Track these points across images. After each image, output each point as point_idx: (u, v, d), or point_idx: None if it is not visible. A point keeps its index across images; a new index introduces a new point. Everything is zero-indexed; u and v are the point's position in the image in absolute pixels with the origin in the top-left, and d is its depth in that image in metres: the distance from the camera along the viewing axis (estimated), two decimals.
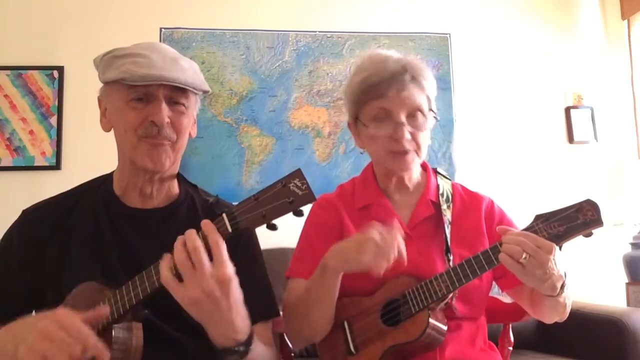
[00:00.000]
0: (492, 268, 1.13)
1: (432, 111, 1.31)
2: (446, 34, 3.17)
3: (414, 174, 1.36)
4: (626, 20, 3.34)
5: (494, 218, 1.34)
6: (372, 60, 1.32)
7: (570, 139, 3.21)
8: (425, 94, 1.29)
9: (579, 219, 1.06)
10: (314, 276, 1.19)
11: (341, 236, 1.31)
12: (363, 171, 1.43)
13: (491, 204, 1.37)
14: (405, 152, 1.26)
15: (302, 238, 1.38)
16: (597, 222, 1.05)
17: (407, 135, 1.24)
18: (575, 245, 1.09)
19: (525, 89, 3.20)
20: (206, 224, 0.94)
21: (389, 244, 1.05)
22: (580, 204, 1.07)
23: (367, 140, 1.33)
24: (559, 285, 1.07)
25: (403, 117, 1.25)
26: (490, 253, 1.11)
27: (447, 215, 1.31)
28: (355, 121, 1.35)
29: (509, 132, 3.15)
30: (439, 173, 1.40)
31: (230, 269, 0.93)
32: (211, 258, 0.92)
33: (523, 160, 3.14)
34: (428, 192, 1.34)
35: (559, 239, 1.06)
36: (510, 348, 1.49)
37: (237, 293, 0.96)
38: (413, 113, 1.26)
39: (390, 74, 1.26)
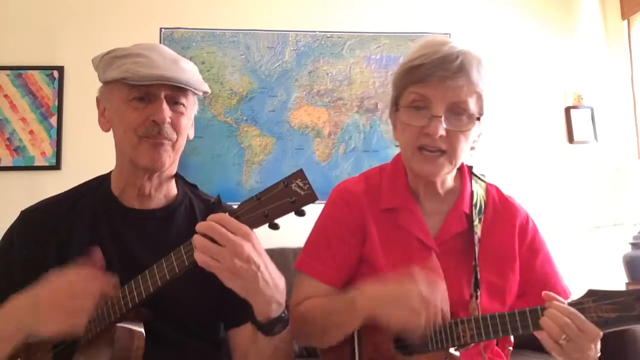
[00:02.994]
0: (528, 332, 1.01)
1: (479, 119, 1.12)
2: (446, 34, 3.16)
3: (448, 178, 1.21)
4: (626, 20, 3.34)
5: (527, 236, 1.21)
6: (427, 42, 1.14)
7: (570, 139, 3.21)
8: (476, 91, 1.10)
9: (636, 309, 0.92)
10: (338, 305, 1.09)
11: (363, 239, 1.19)
12: (394, 161, 1.25)
13: (526, 219, 1.23)
14: (435, 152, 1.10)
15: (319, 230, 1.23)
16: None
17: (442, 132, 1.07)
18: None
19: (525, 89, 3.20)
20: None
21: (434, 300, 0.96)
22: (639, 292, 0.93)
23: (400, 128, 1.17)
24: None
25: (441, 110, 1.08)
26: (529, 317, 1.00)
27: (478, 232, 1.16)
28: (395, 108, 1.19)
29: (509, 132, 3.15)
30: (474, 174, 1.26)
31: (247, 228, 0.92)
32: None
33: (523, 160, 3.14)
34: (462, 202, 1.19)
35: (607, 326, 0.94)
36: (510, 348, 1.48)
37: (265, 252, 0.96)
38: (456, 110, 1.09)
39: (438, 58, 1.08)
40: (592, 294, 0.96)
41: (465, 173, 1.24)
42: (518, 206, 1.25)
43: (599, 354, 0.99)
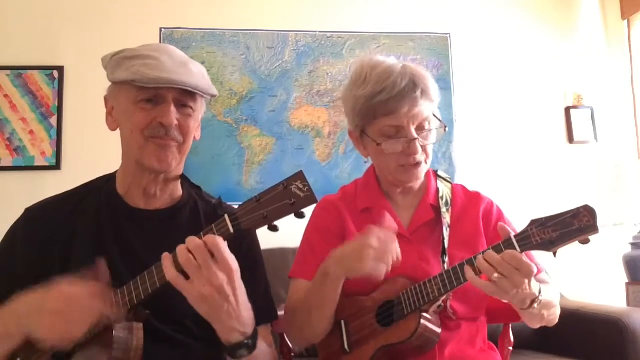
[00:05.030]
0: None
1: (436, 117, 1.31)
2: (446, 34, 3.17)
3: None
4: (626, 20, 3.34)
5: (492, 219, 1.34)
6: (376, 72, 1.27)
7: (570, 139, 3.21)
8: (434, 103, 1.30)
9: (575, 224, 1.02)
10: (315, 281, 1.20)
11: (343, 239, 1.32)
12: (365, 173, 1.43)
13: (490, 204, 1.38)
14: (417, 165, 1.27)
15: (304, 239, 1.38)
16: (593, 228, 1.01)
17: (420, 149, 1.25)
18: (575, 245, 1.07)
19: (525, 89, 3.20)
20: (204, 233, 0.96)
21: (386, 249, 1.06)
22: (577, 209, 1.03)
23: (376, 154, 1.32)
24: (527, 301, 1.07)
25: (414, 133, 1.24)
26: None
27: (447, 218, 1.31)
28: (361, 134, 1.33)
29: (509, 132, 3.15)
30: (439, 176, 1.41)
31: (233, 261, 0.94)
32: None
33: (523, 160, 3.14)
34: (428, 196, 1.35)
35: (552, 245, 1.04)
36: (510, 348, 1.49)
37: (242, 285, 0.97)
38: (421, 126, 1.27)
39: (401, 91, 1.23)
40: (534, 222, 1.07)
41: (430, 173, 1.40)
42: (482, 195, 1.40)
43: (537, 295, 1.08)
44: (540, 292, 1.09)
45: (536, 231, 1.06)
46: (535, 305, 1.08)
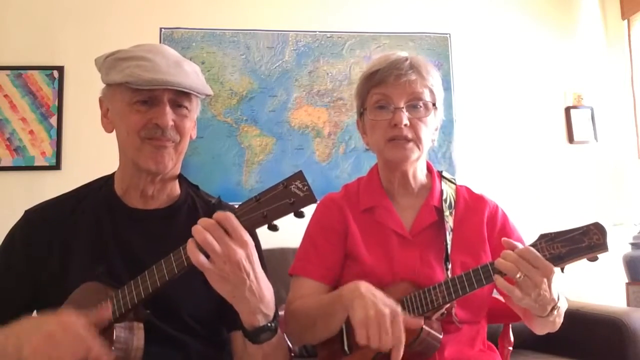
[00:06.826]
0: (491, 283, 1.10)
1: (436, 106, 1.30)
2: (446, 34, 3.17)
3: (419, 172, 1.35)
4: (626, 20, 3.34)
5: (496, 224, 1.32)
6: (379, 56, 1.35)
7: (570, 139, 3.21)
8: (427, 85, 1.28)
9: (584, 242, 1.02)
10: (327, 299, 1.19)
11: (345, 237, 1.31)
12: (369, 171, 1.42)
13: (495, 209, 1.35)
14: (403, 139, 1.25)
15: (306, 236, 1.38)
16: (602, 247, 1.01)
17: (405, 121, 1.24)
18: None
19: (525, 89, 3.21)
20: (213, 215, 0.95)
21: (384, 330, 1.00)
22: (587, 226, 1.03)
23: (369, 130, 1.32)
24: (549, 307, 1.06)
25: (402, 103, 1.25)
26: (490, 268, 1.09)
27: (449, 222, 1.29)
28: (361, 116, 1.36)
29: (509, 132, 3.16)
30: (444, 177, 1.39)
31: (247, 236, 0.94)
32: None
33: (523, 160, 3.14)
34: (432, 198, 1.32)
35: (561, 260, 1.03)
36: (510, 348, 1.49)
37: (260, 266, 0.97)
38: (414, 103, 1.26)
39: (391, 62, 1.28)
40: (543, 236, 1.06)
41: (434, 174, 1.38)
42: (487, 199, 1.37)
43: (556, 298, 1.06)
44: (558, 298, 1.08)
45: (545, 245, 1.05)
46: (555, 312, 1.08)
